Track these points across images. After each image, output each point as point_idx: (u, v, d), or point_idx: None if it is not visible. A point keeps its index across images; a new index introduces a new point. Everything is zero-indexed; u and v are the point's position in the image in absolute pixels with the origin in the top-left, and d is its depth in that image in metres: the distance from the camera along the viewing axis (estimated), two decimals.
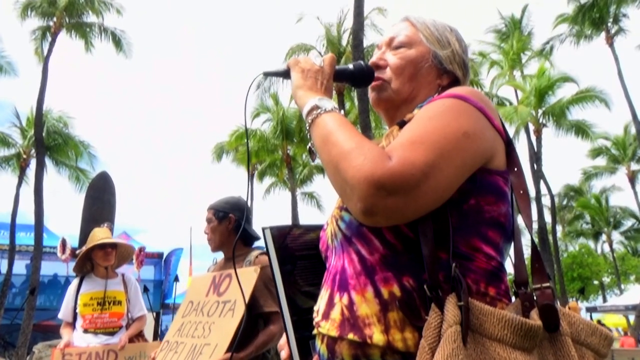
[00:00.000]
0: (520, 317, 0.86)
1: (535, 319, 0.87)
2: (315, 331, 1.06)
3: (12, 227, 17.61)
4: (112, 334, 3.69)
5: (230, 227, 2.81)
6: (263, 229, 1.27)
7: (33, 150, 19.61)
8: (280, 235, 1.26)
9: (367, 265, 0.99)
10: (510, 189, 1.03)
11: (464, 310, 0.85)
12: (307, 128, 1.06)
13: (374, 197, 0.86)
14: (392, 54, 1.20)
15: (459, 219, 0.95)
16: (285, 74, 1.19)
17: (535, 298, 0.92)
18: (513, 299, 0.97)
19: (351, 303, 0.98)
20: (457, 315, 0.84)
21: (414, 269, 0.94)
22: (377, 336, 0.93)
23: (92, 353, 3.49)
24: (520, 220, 1.11)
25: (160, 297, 18.03)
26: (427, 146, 0.89)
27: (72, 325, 3.75)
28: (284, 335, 1.23)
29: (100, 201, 11.45)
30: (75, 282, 3.88)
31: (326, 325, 1.01)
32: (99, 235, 3.90)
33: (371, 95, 1.23)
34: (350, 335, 0.96)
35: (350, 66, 1.21)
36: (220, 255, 2.98)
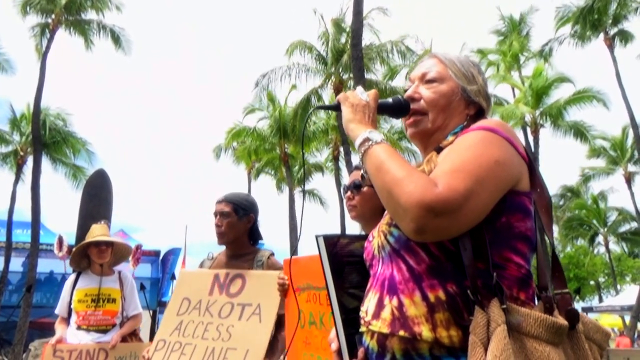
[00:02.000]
0: (553, 317, 1.04)
1: (561, 319, 1.05)
2: (363, 328, 1.23)
3: (9, 225, 17.57)
4: (104, 331, 3.65)
5: (249, 226, 2.78)
6: (316, 237, 1.45)
7: (30, 148, 19.55)
8: (331, 243, 1.45)
9: (414, 274, 1.15)
10: (534, 207, 1.20)
11: (506, 312, 1.01)
12: (360, 157, 1.23)
13: (424, 218, 1.03)
14: (426, 87, 1.36)
15: (493, 234, 1.11)
16: (337, 108, 1.35)
17: (556, 301, 1.11)
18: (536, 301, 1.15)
19: (400, 305, 1.14)
20: (503, 315, 1.00)
21: (456, 277, 1.10)
22: (426, 333, 1.08)
23: (82, 351, 3.46)
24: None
25: (157, 295, 18.01)
26: (465, 174, 1.06)
27: (67, 320, 3.73)
28: (333, 329, 1.42)
29: (97, 198, 11.42)
30: (72, 278, 3.87)
31: (377, 324, 1.17)
32: (96, 232, 3.88)
33: (409, 130, 1.39)
34: (401, 332, 1.11)
35: (390, 100, 1.38)
36: (211, 250, 2.93)
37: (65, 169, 21.05)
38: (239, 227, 2.74)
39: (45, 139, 19.20)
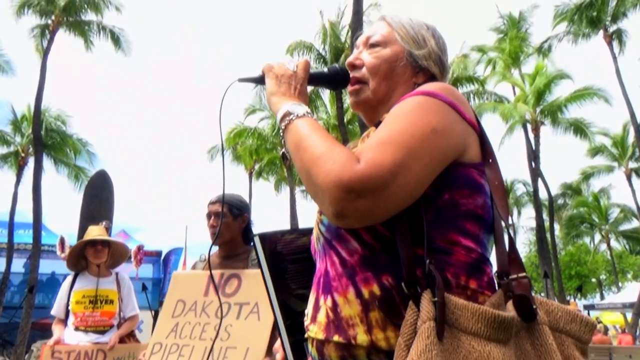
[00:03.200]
0: (493, 309, 0.87)
1: (509, 310, 0.89)
2: (306, 335, 1.08)
3: (11, 226, 17.59)
4: (102, 332, 3.65)
5: (243, 226, 2.79)
6: (252, 236, 1.30)
7: (31, 149, 19.58)
8: (271, 241, 1.28)
9: (347, 267, 1.00)
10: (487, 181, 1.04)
11: (439, 305, 0.85)
12: (281, 134, 1.07)
13: (344, 200, 0.88)
14: (368, 53, 1.21)
15: (434, 215, 0.96)
16: (260, 80, 1.20)
17: (511, 288, 0.94)
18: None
19: (335, 305, 0.99)
20: (431, 311, 0.85)
21: (393, 268, 0.95)
22: (361, 337, 0.94)
23: (81, 352, 3.46)
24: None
25: (159, 296, 18.03)
26: (395, 146, 0.90)
27: (64, 322, 3.74)
28: (279, 339, 1.24)
29: (98, 199, 11.45)
30: (69, 279, 3.87)
31: (314, 329, 1.03)
32: (93, 232, 3.88)
33: (350, 99, 1.24)
34: (336, 337, 0.97)
35: (325, 69, 1.24)
36: (198, 250, 2.93)
37: (67, 170, 21.08)
38: (234, 227, 2.76)
39: (44, 140, 19.22)
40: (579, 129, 22.74)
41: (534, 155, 22.26)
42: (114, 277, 3.89)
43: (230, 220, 2.74)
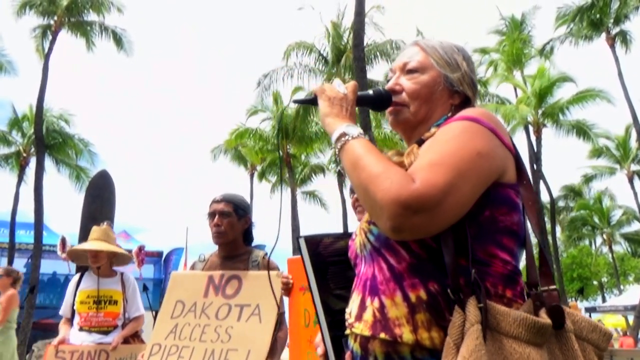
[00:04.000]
0: (533, 316, 0.98)
1: (545, 318, 0.99)
2: (348, 331, 1.18)
3: (12, 226, 17.62)
4: (106, 333, 3.64)
5: (245, 227, 2.78)
6: (298, 238, 1.40)
7: (33, 149, 19.60)
8: (313, 243, 1.39)
9: (395, 273, 1.10)
10: (522, 200, 1.14)
11: (484, 311, 0.96)
12: (337, 153, 1.16)
13: (401, 216, 0.97)
14: (407, 78, 1.30)
15: (476, 229, 1.06)
16: (313, 101, 1.29)
17: (542, 299, 1.04)
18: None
19: (382, 306, 1.10)
20: (478, 315, 0.95)
21: (438, 275, 1.05)
22: (407, 335, 1.04)
23: (84, 352, 3.46)
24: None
25: (160, 296, 18.03)
26: (445, 167, 1.00)
27: (71, 321, 3.74)
28: (319, 334, 1.39)
29: (100, 199, 11.44)
30: (75, 278, 3.87)
31: (359, 326, 1.13)
32: (94, 234, 3.87)
33: (390, 118, 1.33)
34: (382, 335, 1.07)
35: (371, 92, 1.32)
36: (199, 251, 2.91)
37: (69, 170, 21.10)
38: (237, 228, 2.74)
39: (46, 140, 19.24)
40: (581, 130, 22.70)
41: (535, 158, 22.23)
42: (118, 277, 3.88)
43: (235, 221, 2.72)
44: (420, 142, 1.20)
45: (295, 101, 1.43)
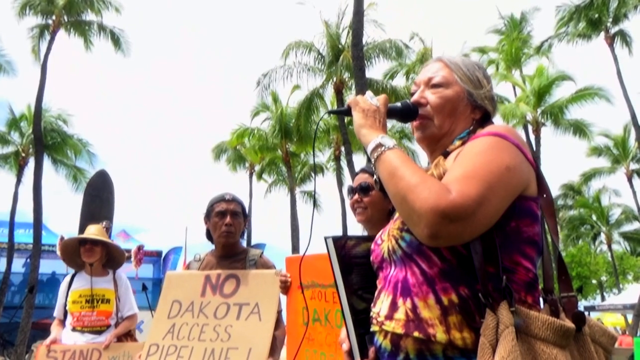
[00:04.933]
0: (561, 320, 1.07)
1: (568, 322, 1.08)
2: (376, 328, 1.25)
3: (11, 226, 17.61)
4: (99, 332, 3.61)
5: (244, 227, 2.82)
6: (325, 238, 1.46)
7: (31, 149, 19.58)
8: (339, 244, 1.46)
9: (427, 277, 1.17)
10: (541, 211, 1.22)
11: (515, 314, 1.04)
12: (373, 162, 1.24)
13: (439, 224, 1.05)
14: (431, 92, 1.36)
15: (502, 239, 1.14)
16: (347, 112, 1.36)
17: (562, 305, 1.14)
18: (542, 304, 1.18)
19: (414, 307, 1.17)
20: (511, 318, 1.03)
21: (468, 281, 1.13)
22: (440, 335, 1.12)
23: (76, 351, 3.44)
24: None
25: (159, 296, 17.97)
26: (477, 180, 1.08)
27: (63, 322, 3.71)
28: (344, 329, 1.44)
29: (98, 199, 11.44)
30: (66, 279, 3.84)
31: (391, 324, 1.20)
32: (89, 231, 3.84)
33: (416, 134, 1.40)
34: (416, 334, 1.14)
35: (399, 104, 1.39)
36: (198, 250, 2.91)
37: (67, 171, 21.08)
38: (242, 228, 2.78)
39: (45, 140, 19.23)
40: (579, 129, 22.71)
41: (534, 157, 22.16)
42: (110, 276, 3.84)
43: (242, 221, 2.77)
44: (446, 154, 1.30)
45: (330, 112, 1.59)
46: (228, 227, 2.69)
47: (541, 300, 1.18)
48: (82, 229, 10.16)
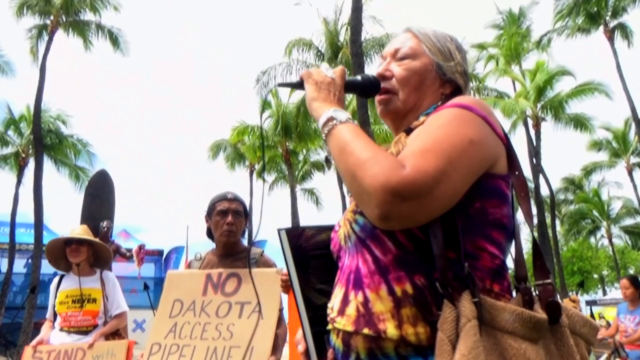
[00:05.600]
0: (530, 311, 0.95)
1: (540, 313, 0.96)
2: (330, 326, 1.13)
3: (12, 226, 17.62)
4: (86, 332, 3.58)
5: (245, 226, 2.81)
6: (279, 230, 1.34)
7: (31, 149, 19.58)
8: (294, 236, 1.34)
9: (380, 265, 1.06)
10: (512, 191, 1.11)
11: (478, 305, 0.92)
12: (324, 138, 1.12)
13: (390, 203, 0.93)
14: (397, 65, 1.25)
15: (465, 221, 1.02)
16: (299, 85, 1.24)
17: (537, 293, 1.01)
18: (514, 293, 1.04)
19: (366, 300, 1.05)
20: (474, 310, 0.91)
21: (425, 268, 1.01)
22: (391, 330, 1.00)
23: (61, 351, 3.40)
24: (520, 216, 1.18)
25: (161, 295, 18.00)
26: (437, 154, 0.96)
27: (53, 323, 3.69)
28: (300, 330, 1.29)
29: (99, 199, 11.46)
30: (55, 280, 3.82)
31: (342, 321, 1.08)
32: (74, 232, 3.81)
33: (378, 108, 1.28)
34: (365, 330, 1.03)
35: (359, 78, 1.27)
36: (199, 249, 2.91)
37: (67, 170, 21.09)
38: (243, 227, 2.78)
39: (44, 140, 19.23)
40: (580, 123, 22.71)
41: (534, 151, 22.23)
42: (97, 275, 3.80)
43: (244, 220, 2.77)
44: (409, 131, 1.16)
45: (281, 84, 1.36)
46: (229, 226, 2.69)
47: (514, 290, 1.05)
48: None
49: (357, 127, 1.10)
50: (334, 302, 1.14)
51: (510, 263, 1.10)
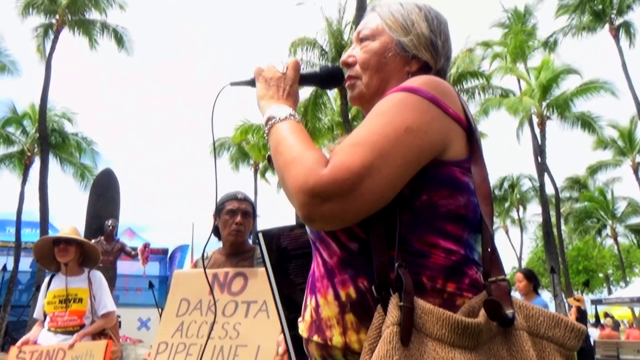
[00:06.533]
0: (458, 315, 0.86)
1: (481, 315, 0.87)
2: None
3: (18, 224, 17.69)
4: (72, 332, 3.54)
5: (252, 227, 2.81)
6: (257, 232, 1.32)
7: (37, 148, 19.66)
8: (277, 237, 1.32)
9: (328, 269, 1.01)
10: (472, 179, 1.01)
11: (404, 310, 0.85)
12: (266, 138, 1.07)
13: (309, 205, 0.88)
14: (359, 48, 1.18)
15: (411, 217, 0.95)
16: (252, 83, 1.19)
17: (490, 291, 0.92)
18: None
19: (317, 306, 1.02)
20: (396, 316, 0.84)
21: (368, 270, 0.94)
22: (336, 338, 0.96)
23: (43, 352, 3.39)
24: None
25: (166, 293, 18.04)
26: (365, 147, 0.89)
27: (44, 323, 3.69)
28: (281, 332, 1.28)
29: (104, 198, 11.50)
30: (45, 281, 3.83)
31: (302, 327, 1.06)
32: (62, 231, 3.81)
33: (348, 94, 1.21)
34: (315, 337, 1.00)
35: (317, 69, 1.23)
36: (209, 248, 2.91)
37: (73, 169, 21.16)
38: (251, 228, 2.78)
39: (49, 139, 19.30)
40: (586, 122, 22.60)
41: (539, 150, 22.15)
42: (85, 275, 3.78)
43: (251, 220, 2.77)
44: None
45: (233, 83, 1.25)
46: (238, 226, 2.70)
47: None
48: (88, 228, 10.22)
49: (296, 124, 1.04)
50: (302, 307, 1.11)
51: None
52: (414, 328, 0.84)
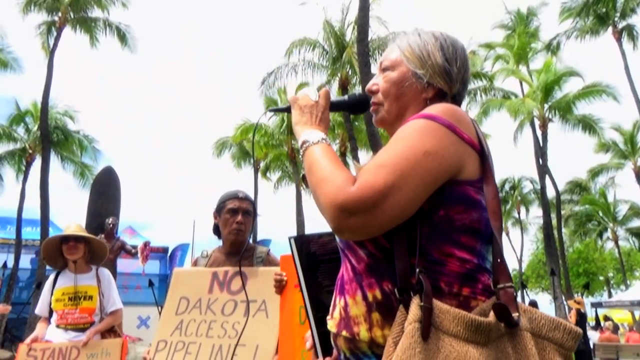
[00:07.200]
0: (472, 314, 0.98)
1: (492, 316, 1.00)
2: None
3: (19, 222, 17.71)
4: (82, 330, 3.57)
5: (252, 226, 2.81)
6: (289, 239, 1.48)
7: (38, 145, 19.67)
8: (306, 242, 1.48)
9: (356, 273, 1.15)
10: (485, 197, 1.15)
11: (424, 309, 0.97)
12: (302, 160, 1.22)
13: (339, 218, 1.02)
14: (382, 77, 1.32)
15: (430, 229, 1.08)
16: (288, 110, 1.35)
17: (499, 296, 1.05)
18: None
19: (346, 305, 1.16)
20: (418, 314, 0.96)
21: (392, 275, 1.08)
22: (363, 333, 1.10)
23: (55, 349, 3.40)
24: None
25: (166, 291, 18.02)
26: (388, 169, 1.03)
27: (48, 320, 3.70)
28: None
29: (105, 196, 11.50)
30: (51, 278, 3.83)
31: (331, 323, 1.21)
32: (68, 229, 3.81)
33: (373, 118, 1.36)
34: (344, 332, 1.15)
35: (345, 97, 1.39)
36: (204, 246, 2.91)
37: (74, 167, 21.18)
38: (251, 227, 2.78)
39: (51, 136, 19.31)
40: (588, 125, 22.57)
41: (541, 152, 22.13)
42: (93, 272, 3.80)
43: (252, 219, 2.77)
44: None
45: (271, 110, 1.50)
46: (239, 225, 2.70)
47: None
48: (89, 226, 10.21)
49: (327, 147, 1.19)
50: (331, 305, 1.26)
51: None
52: (432, 326, 0.96)
